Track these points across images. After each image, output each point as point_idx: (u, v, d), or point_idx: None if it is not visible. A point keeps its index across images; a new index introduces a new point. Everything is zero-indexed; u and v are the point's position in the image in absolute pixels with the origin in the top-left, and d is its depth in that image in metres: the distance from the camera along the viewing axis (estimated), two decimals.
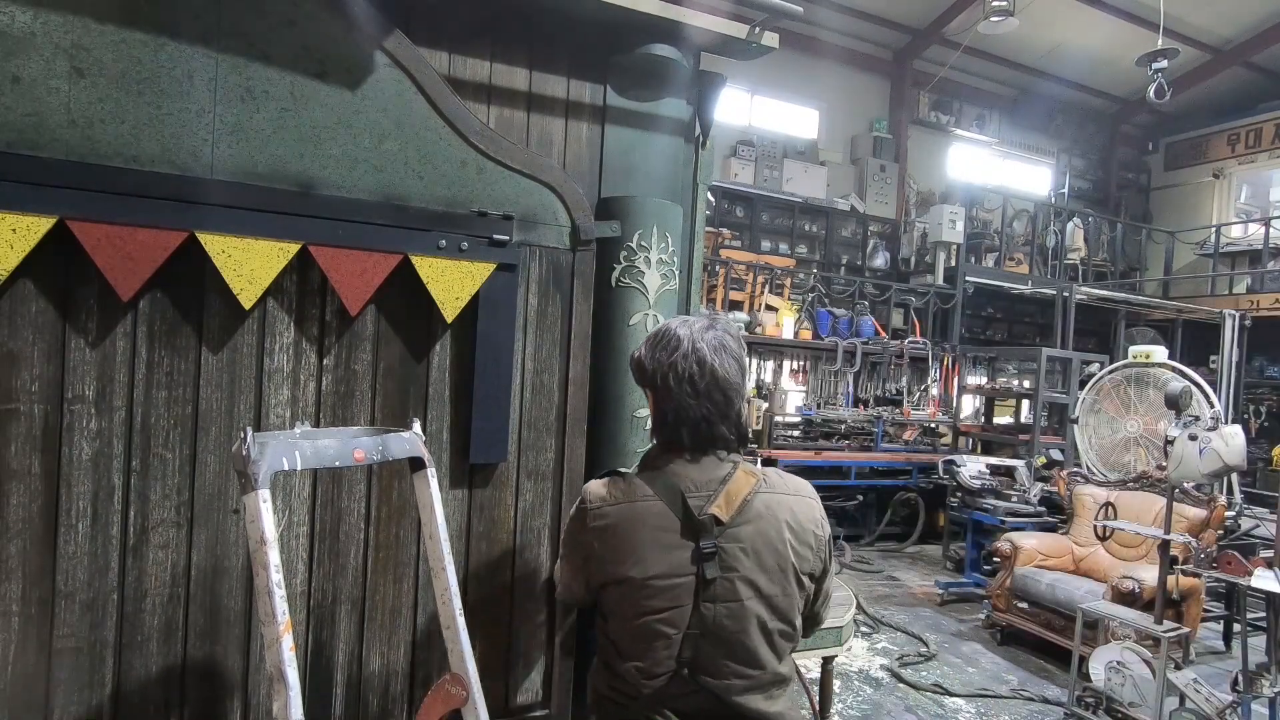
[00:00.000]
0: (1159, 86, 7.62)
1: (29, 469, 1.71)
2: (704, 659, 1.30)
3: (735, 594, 1.30)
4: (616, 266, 2.24)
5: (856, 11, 10.07)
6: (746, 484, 1.34)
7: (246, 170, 1.83)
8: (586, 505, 1.36)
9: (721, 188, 9.53)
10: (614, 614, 1.34)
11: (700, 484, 1.33)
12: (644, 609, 1.29)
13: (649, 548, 1.29)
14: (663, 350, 1.36)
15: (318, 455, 1.56)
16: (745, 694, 1.32)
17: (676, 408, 1.34)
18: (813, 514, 1.40)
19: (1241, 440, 3.19)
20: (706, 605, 1.29)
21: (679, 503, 1.31)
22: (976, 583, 5.86)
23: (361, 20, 1.92)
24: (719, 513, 1.30)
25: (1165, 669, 3.21)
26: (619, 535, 1.31)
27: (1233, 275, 10.67)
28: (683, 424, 1.35)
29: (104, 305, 1.75)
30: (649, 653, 1.30)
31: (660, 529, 1.30)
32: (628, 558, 1.29)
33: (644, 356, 1.39)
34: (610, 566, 1.31)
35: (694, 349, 1.34)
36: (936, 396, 8.63)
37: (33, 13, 1.63)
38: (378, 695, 2.08)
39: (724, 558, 1.29)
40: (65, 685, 1.75)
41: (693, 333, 1.36)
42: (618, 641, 1.34)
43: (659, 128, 2.39)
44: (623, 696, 1.34)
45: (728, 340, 1.38)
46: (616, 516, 1.32)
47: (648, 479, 1.35)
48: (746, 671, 1.32)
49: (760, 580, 1.31)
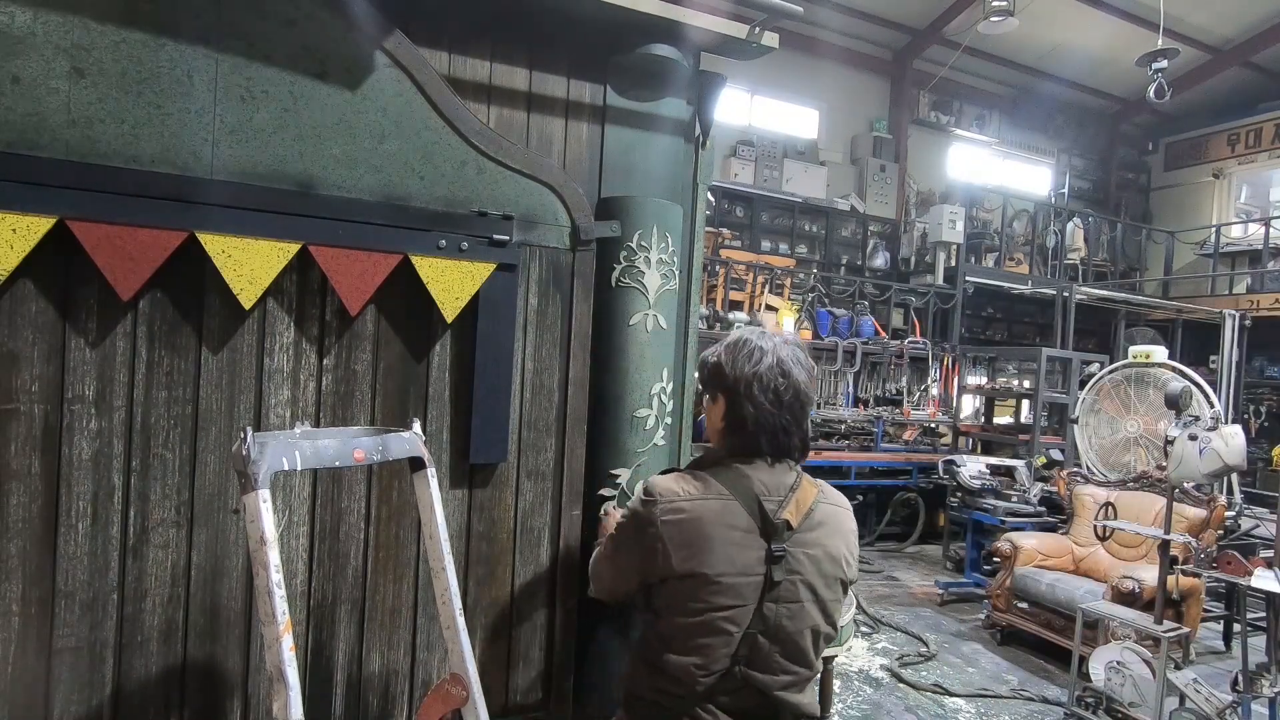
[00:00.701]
0: (1159, 86, 7.62)
1: (29, 469, 1.71)
2: (757, 657, 1.35)
3: (797, 596, 1.35)
4: (616, 266, 2.24)
5: (856, 11, 10.06)
6: (811, 493, 1.41)
7: (246, 170, 1.83)
8: (657, 498, 1.37)
9: (721, 188, 9.52)
10: (674, 608, 1.35)
11: (772, 488, 1.38)
12: (711, 605, 1.32)
13: (723, 545, 1.32)
14: (745, 360, 1.41)
15: (318, 455, 1.56)
16: (787, 690, 1.38)
17: (757, 415, 1.39)
18: (854, 525, 1.50)
19: (1241, 440, 3.19)
20: (769, 605, 1.34)
21: (755, 505, 1.35)
22: (976, 583, 5.86)
23: (361, 20, 1.92)
24: (790, 517, 1.36)
25: (1165, 669, 3.21)
26: (693, 529, 1.33)
27: (1233, 275, 10.67)
28: (763, 431, 1.39)
29: (104, 305, 1.75)
30: (707, 649, 1.33)
31: (735, 528, 1.34)
32: (700, 552, 1.32)
33: (724, 363, 1.43)
34: (680, 560, 1.32)
35: (779, 361, 1.40)
36: (936, 396, 8.63)
37: (33, 13, 1.63)
38: (378, 695, 2.08)
39: (790, 561, 1.35)
40: (65, 685, 1.75)
41: (775, 346, 1.43)
42: (672, 637, 1.36)
43: (659, 128, 2.39)
44: (666, 696, 1.37)
45: (803, 356, 1.45)
46: (691, 511, 1.34)
47: (723, 479, 1.38)
48: (795, 669, 1.38)
49: (818, 585, 1.38)
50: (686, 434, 2.54)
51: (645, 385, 2.25)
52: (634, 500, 1.43)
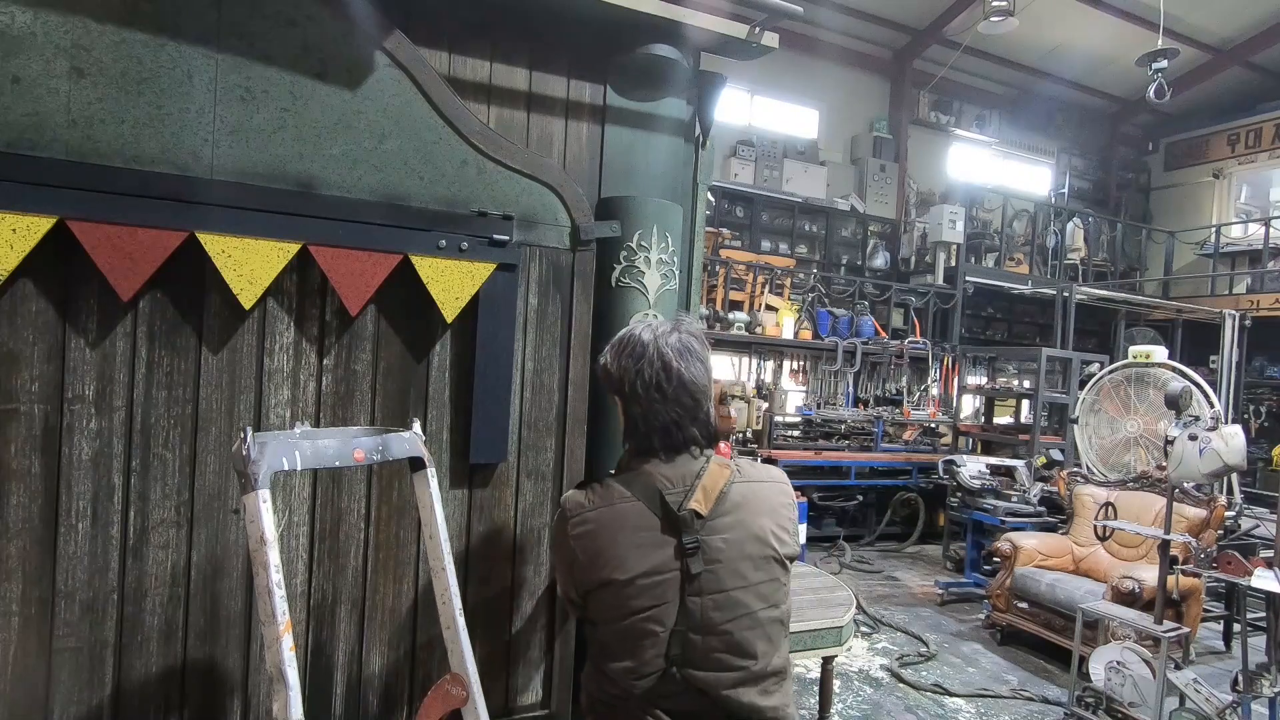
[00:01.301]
0: (1159, 86, 7.62)
1: (29, 469, 1.71)
2: (693, 654, 1.30)
3: (721, 585, 1.31)
4: (616, 266, 2.24)
5: (856, 11, 10.06)
6: (721, 476, 1.36)
7: (246, 170, 1.83)
8: (567, 514, 1.36)
9: (721, 188, 9.52)
10: (601, 615, 1.34)
11: (675, 480, 1.34)
12: (630, 609, 1.30)
13: (630, 548, 1.30)
14: (628, 357, 1.38)
15: (318, 455, 1.56)
16: (736, 687, 1.32)
17: (645, 413, 1.36)
18: (785, 498, 1.43)
19: (1241, 440, 3.19)
20: (692, 599, 1.30)
21: (657, 501, 1.32)
22: (976, 583, 5.86)
23: (361, 20, 1.92)
24: (698, 506, 1.32)
25: (1165, 669, 3.21)
26: (600, 539, 1.32)
27: (1233, 275, 10.67)
28: (654, 429, 1.36)
29: (104, 305, 1.75)
30: (637, 652, 1.30)
31: (640, 528, 1.31)
32: (610, 560, 1.30)
33: (609, 363, 1.41)
34: (594, 571, 1.31)
35: (659, 354, 1.36)
36: (936, 396, 8.63)
37: (33, 13, 1.63)
38: (378, 695, 2.08)
39: (707, 550, 1.31)
40: (65, 685, 1.75)
41: (656, 337, 1.38)
42: (606, 643, 1.35)
43: (659, 128, 2.39)
44: (614, 698, 1.35)
45: (692, 343, 1.39)
46: (596, 521, 1.33)
47: (624, 482, 1.36)
48: (737, 663, 1.32)
49: (745, 568, 1.33)
50: None
51: None
52: (555, 520, 1.42)
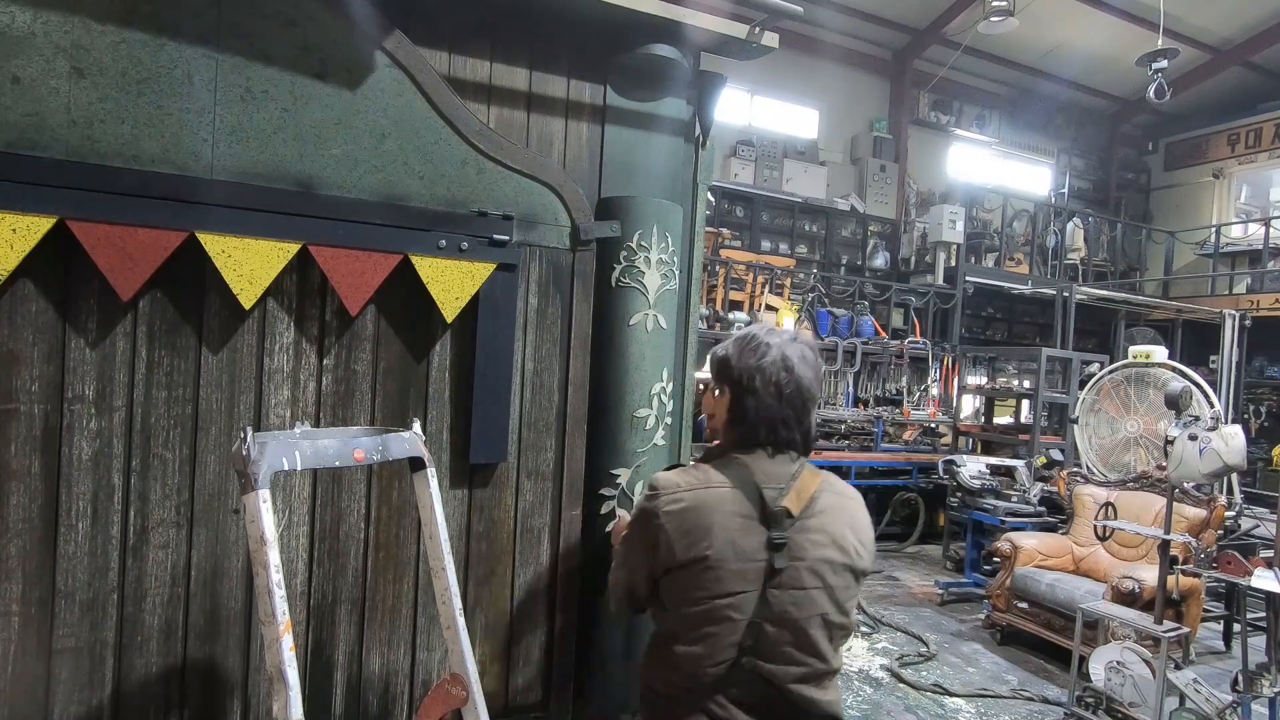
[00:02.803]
0: (1159, 86, 7.62)
1: (29, 469, 1.71)
2: (765, 646, 1.35)
3: (802, 582, 1.36)
4: (616, 266, 2.24)
5: (856, 11, 10.06)
6: (813, 482, 1.43)
7: (246, 170, 1.83)
8: (659, 491, 1.40)
9: (721, 188, 9.52)
10: (680, 598, 1.37)
11: (772, 477, 1.40)
12: (714, 591, 1.33)
13: (723, 531, 1.34)
14: (751, 354, 1.44)
15: (318, 455, 1.56)
16: (800, 683, 1.37)
17: (758, 407, 1.42)
18: (866, 517, 1.51)
19: (1241, 440, 3.18)
20: (773, 592, 1.34)
21: (754, 492, 1.37)
22: (976, 583, 5.86)
23: (361, 20, 1.92)
24: (791, 505, 1.37)
25: (1165, 669, 3.21)
26: (694, 517, 1.35)
27: (1233, 275, 10.67)
28: (762, 423, 1.42)
29: (104, 305, 1.75)
30: (711, 638, 1.34)
31: (735, 514, 1.36)
32: (702, 539, 1.34)
33: (730, 355, 1.47)
34: (682, 548, 1.34)
35: (783, 357, 1.43)
36: (936, 396, 8.63)
37: (33, 13, 1.63)
38: (378, 695, 2.08)
39: (793, 548, 1.36)
40: (65, 685, 1.75)
41: (781, 342, 1.46)
42: (679, 628, 1.37)
43: (659, 128, 2.39)
44: (677, 689, 1.38)
45: (809, 354, 1.48)
46: (692, 500, 1.37)
47: (720, 468, 1.41)
48: (804, 659, 1.37)
49: (825, 571, 1.38)
50: (686, 434, 2.54)
51: (645, 385, 2.25)
52: (641, 499, 1.46)
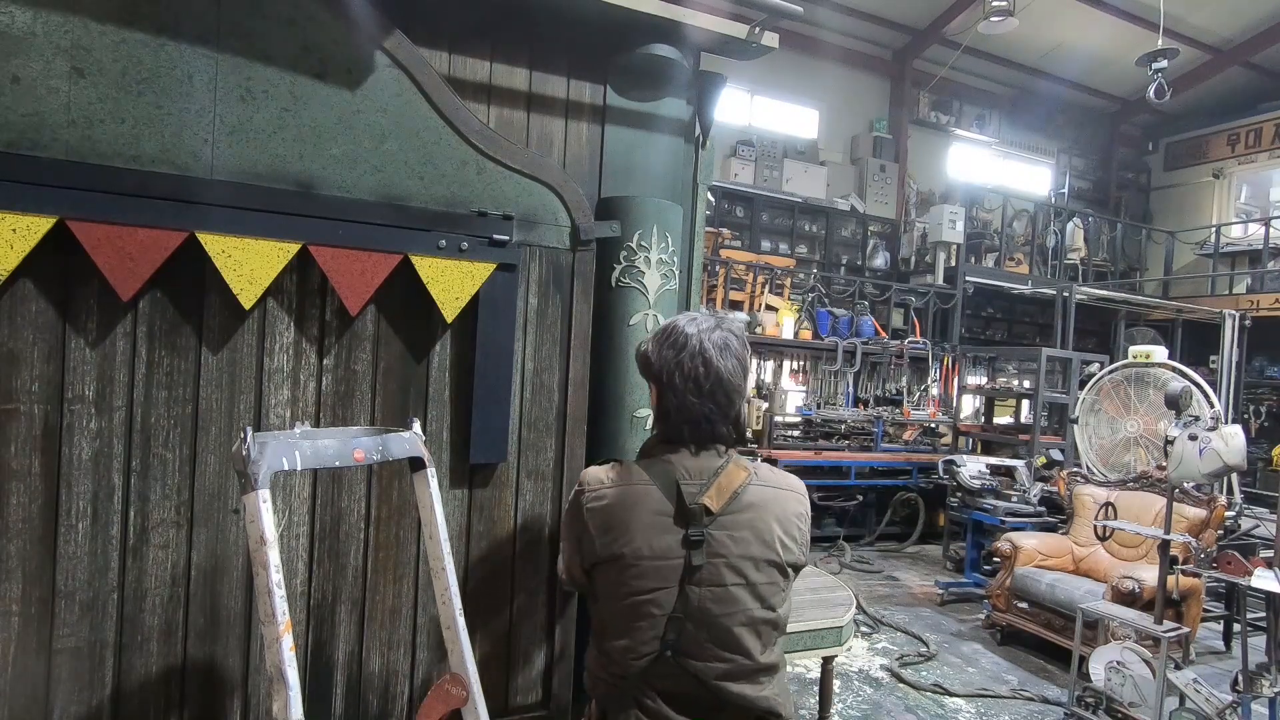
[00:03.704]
0: (1159, 86, 7.62)
1: (29, 469, 1.71)
2: (688, 642, 1.35)
3: (720, 579, 1.35)
4: (616, 266, 2.24)
5: (856, 11, 10.06)
6: (738, 476, 1.40)
7: (246, 170, 1.83)
8: (584, 488, 1.42)
9: (721, 188, 9.52)
10: (604, 593, 1.39)
11: (694, 473, 1.39)
12: (633, 588, 1.34)
13: (641, 529, 1.35)
14: (669, 348, 1.42)
15: (318, 455, 1.56)
16: (724, 679, 1.36)
17: (680, 405, 1.40)
18: (800, 508, 1.46)
19: (1241, 440, 3.18)
20: (691, 588, 1.34)
21: (673, 490, 1.36)
22: (976, 583, 5.86)
23: (361, 20, 1.92)
24: (709, 502, 1.36)
25: (1165, 669, 3.21)
26: (613, 515, 1.37)
27: (1233, 275, 10.67)
28: (685, 421, 1.40)
29: (104, 305, 1.75)
30: (635, 631, 1.35)
31: (653, 512, 1.36)
32: (620, 536, 1.35)
33: (650, 351, 1.45)
34: (603, 545, 1.36)
35: (700, 349, 1.39)
36: (936, 396, 8.63)
37: (33, 13, 1.63)
38: (378, 695, 2.08)
39: (712, 544, 1.35)
40: (65, 685, 1.75)
41: (700, 331, 1.41)
42: (607, 621, 1.40)
43: (659, 128, 2.39)
44: (613, 677, 1.39)
45: (732, 341, 1.43)
46: (612, 498, 1.38)
47: (645, 466, 1.41)
48: (729, 656, 1.36)
49: (747, 568, 1.37)
50: None
51: (645, 385, 2.25)
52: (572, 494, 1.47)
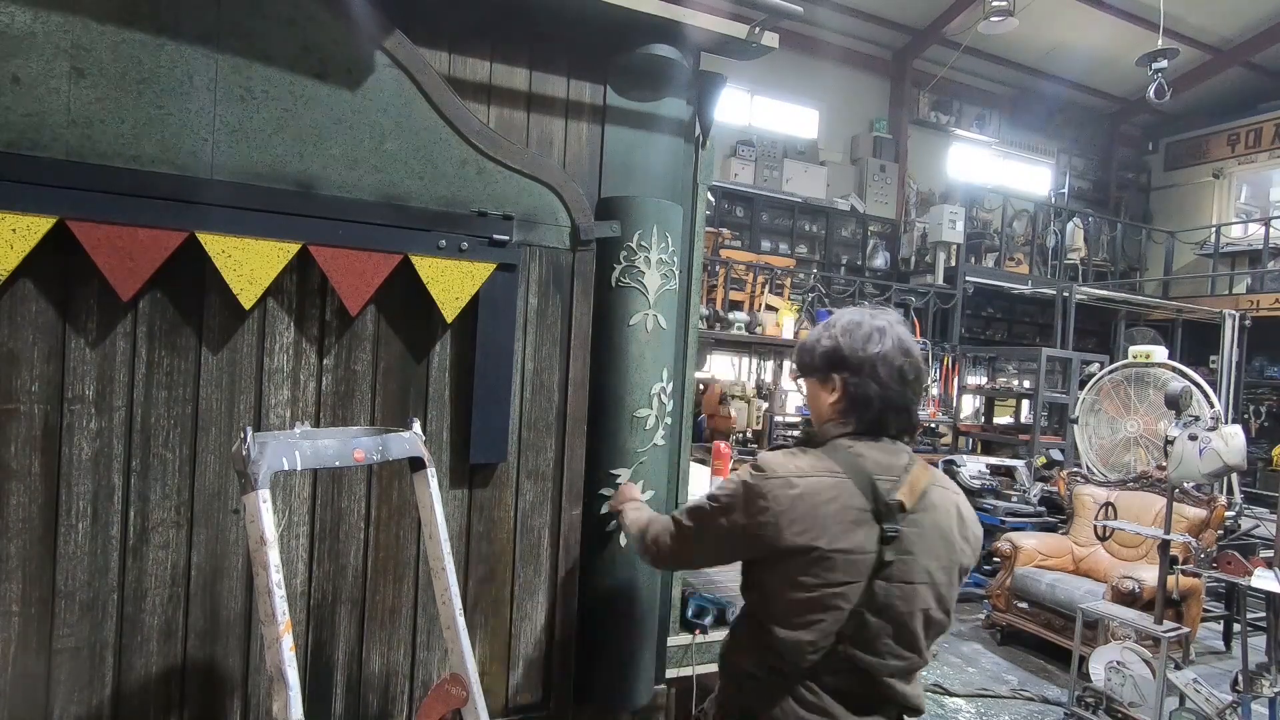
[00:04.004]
0: (1159, 86, 7.62)
1: (29, 469, 1.71)
2: (864, 636, 1.34)
3: (909, 576, 1.35)
4: (616, 266, 2.24)
5: (856, 11, 10.06)
6: (925, 475, 1.41)
7: (246, 170, 1.83)
8: (770, 472, 1.37)
9: (721, 188, 9.52)
10: (781, 583, 1.35)
11: (885, 468, 1.39)
12: (824, 580, 1.32)
13: (837, 522, 1.33)
14: (868, 341, 1.42)
15: (318, 455, 1.56)
16: (894, 676, 1.37)
17: (884, 394, 1.40)
18: (973, 513, 1.50)
19: (1241, 440, 3.18)
20: (880, 583, 1.33)
21: (868, 484, 1.36)
22: (976, 583, 5.86)
23: (361, 20, 1.92)
24: (904, 498, 1.36)
25: (1165, 669, 3.21)
26: (806, 504, 1.33)
27: (1233, 275, 10.67)
28: (889, 410, 1.41)
29: (104, 305, 1.75)
30: (818, 624, 1.33)
31: (849, 506, 1.34)
32: (815, 527, 1.32)
33: (842, 345, 1.44)
34: (791, 534, 1.32)
35: (899, 339, 1.42)
36: (936, 396, 8.63)
37: (33, 13, 1.63)
38: (378, 695, 2.08)
39: (903, 541, 1.35)
40: (65, 685, 1.75)
41: (890, 324, 1.45)
42: (781, 612, 1.36)
43: (659, 128, 2.39)
44: (771, 671, 1.38)
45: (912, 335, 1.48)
46: (805, 487, 1.35)
47: (833, 457, 1.39)
48: (903, 653, 1.37)
49: (933, 567, 1.38)
50: (686, 434, 2.54)
51: (645, 385, 2.25)
52: (743, 472, 1.41)
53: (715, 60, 2.49)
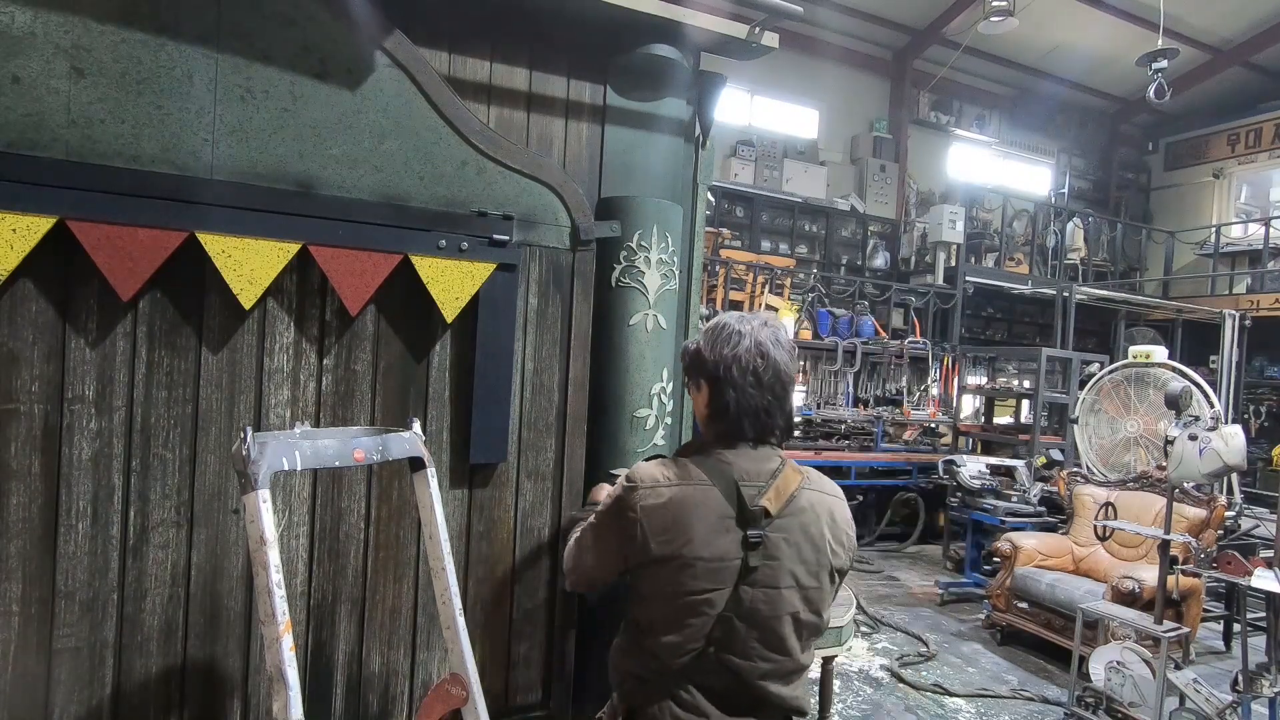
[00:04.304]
0: (1159, 86, 7.62)
1: (29, 469, 1.71)
2: (733, 640, 1.36)
3: (775, 581, 1.37)
4: (616, 266, 2.24)
5: (856, 11, 10.06)
6: (794, 480, 1.42)
7: (246, 170, 1.83)
8: (637, 484, 1.40)
9: (721, 188, 9.51)
10: (652, 591, 1.38)
11: (752, 475, 1.39)
12: (689, 587, 1.34)
13: (701, 530, 1.35)
14: (724, 344, 1.43)
15: (318, 455, 1.56)
16: (767, 679, 1.39)
17: (739, 398, 1.41)
18: (847, 514, 1.51)
19: (1241, 440, 3.18)
20: (745, 589, 1.35)
21: (733, 491, 1.37)
22: (976, 583, 5.86)
23: (361, 20, 1.92)
24: (769, 504, 1.37)
25: (1165, 669, 3.21)
26: (672, 514, 1.35)
27: (1233, 275, 10.67)
28: (745, 414, 1.41)
29: (104, 305, 1.75)
30: (685, 629, 1.35)
31: (714, 514, 1.36)
32: (679, 536, 1.34)
33: (703, 349, 1.45)
34: (658, 544, 1.35)
35: (757, 343, 1.42)
36: (936, 396, 8.63)
37: (33, 13, 1.63)
38: (378, 695, 2.08)
39: (768, 547, 1.36)
40: (65, 685, 1.75)
41: (752, 328, 1.44)
42: (653, 619, 1.39)
43: (659, 128, 2.39)
44: (649, 673, 1.40)
45: (782, 336, 1.47)
46: (670, 496, 1.37)
47: (701, 466, 1.40)
48: (772, 656, 1.38)
49: (799, 571, 1.39)
50: (686, 434, 2.54)
51: (645, 385, 2.25)
52: (616, 486, 1.44)
53: (715, 60, 2.49)
